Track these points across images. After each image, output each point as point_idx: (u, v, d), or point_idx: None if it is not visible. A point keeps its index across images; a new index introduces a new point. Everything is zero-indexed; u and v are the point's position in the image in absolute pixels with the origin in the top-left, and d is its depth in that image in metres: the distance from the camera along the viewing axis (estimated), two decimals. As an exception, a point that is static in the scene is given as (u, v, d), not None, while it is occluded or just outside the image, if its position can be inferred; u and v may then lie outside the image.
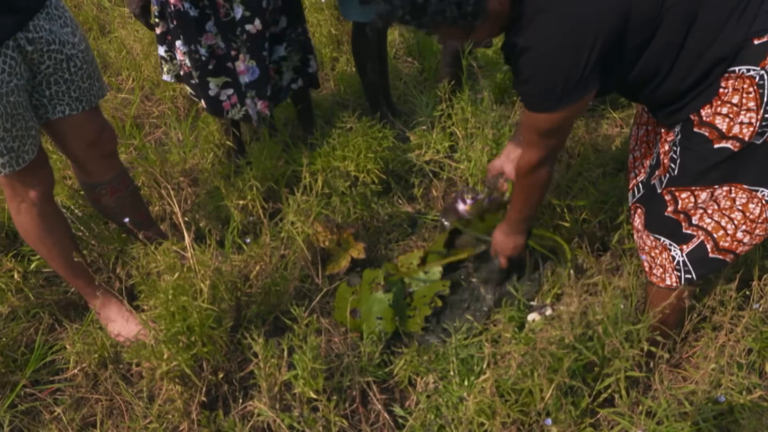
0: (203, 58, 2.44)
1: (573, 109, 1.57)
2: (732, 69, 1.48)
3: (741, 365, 1.82)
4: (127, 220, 2.14)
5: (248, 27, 2.41)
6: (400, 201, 2.69)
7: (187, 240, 1.95)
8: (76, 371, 2.13)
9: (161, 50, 2.59)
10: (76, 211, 2.68)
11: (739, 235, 1.64)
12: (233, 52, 2.45)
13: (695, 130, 1.57)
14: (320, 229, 2.30)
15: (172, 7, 2.38)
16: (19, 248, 2.51)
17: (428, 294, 2.10)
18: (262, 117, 2.58)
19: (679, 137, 1.62)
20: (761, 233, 1.63)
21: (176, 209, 2.08)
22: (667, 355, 1.81)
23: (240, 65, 2.47)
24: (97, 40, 4.19)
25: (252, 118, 2.56)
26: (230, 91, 2.54)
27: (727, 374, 1.77)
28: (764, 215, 1.60)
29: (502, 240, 2.07)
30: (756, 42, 1.44)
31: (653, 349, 1.78)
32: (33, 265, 2.46)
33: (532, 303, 2.09)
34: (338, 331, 2.17)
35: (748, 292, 1.98)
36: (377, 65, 2.97)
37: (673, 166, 1.66)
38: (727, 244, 1.65)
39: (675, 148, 1.64)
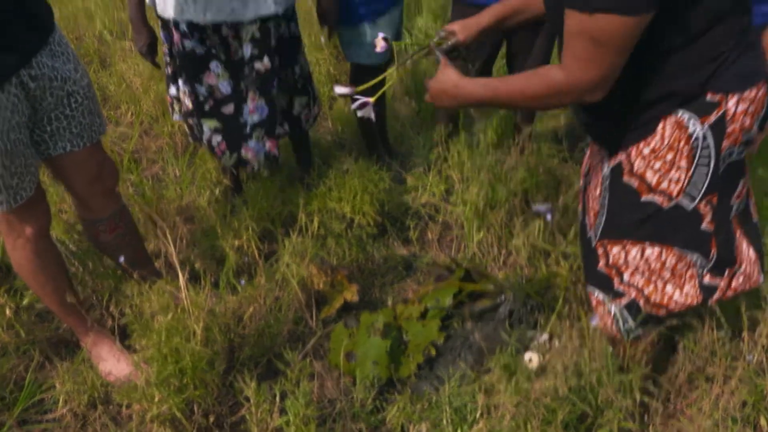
0: (201, 98, 2.46)
1: (633, 20, 1.31)
2: (677, 110, 1.48)
3: (735, 419, 1.82)
4: (123, 258, 2.14)
5: (257, 65, 2.43)
6: (395, 243, 2.69)
7: (182, 281, 1.95)
8: (64, 411, 2.10)
9: (172, 90, 2.60)
10: (70, 246, 2.67)
11: (668, 289, 1.64)
12: (243, 92, 2.46)
13: (624, 179, 1.58)
14: (315, 271, 2.30)
15: (177, 45, 2.40)
16: (12, 282, 2.50)
17: (423, 342, 2.10)
18: (271, 156, 2.58)
19: (608, 182, 1.64)
20: (692, 293, 1.63)
21: (171, 249, 2.07)
22: (661, 408, 1.80)
23: (250, 104, 2.48)
24: (98, 72, 4.22)
25: (249, 162, 2.57)
26: (219, 138, 2.55)
27: (722, 428, 1.76)
28: (690, 272, 1.61)
29: (448, 90, 1.67)
30: (708, 96, 1.45)
31: (647, 399, 1.78)
32: (26, 301, 2.45)
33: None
34: (331, 375, 2.16)
35: (741, 345, 1.98)
36: (375, 106, 2.99)
37: (602, 212, 1.67)
38: (657, 299, 1.65)
39: (605, 194, 1.65)
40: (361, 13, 2.63)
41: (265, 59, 2.43)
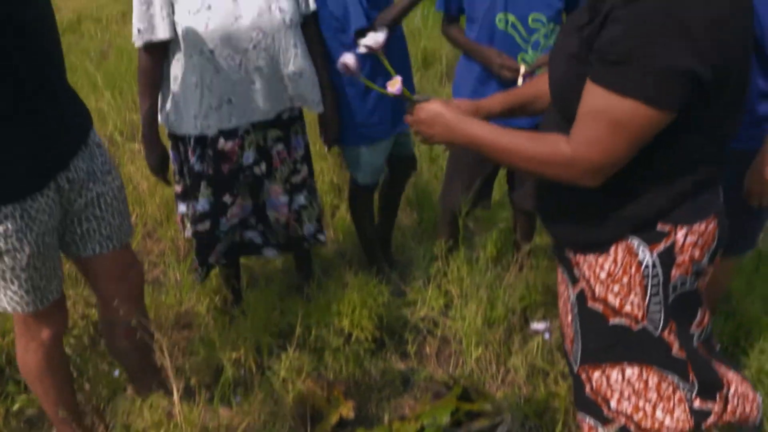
0: (197, 214, 2.50)
1: (659, 114, 1.31)
2: (628, 236, 1.50)
3: None
4: (132, 366, 2.14)
5: (255, 169, 2.50)
6: (393, 357, 2.67)
7: (176, 398, 1.92)
8: None
9: (182, 207, 2.63)
10: (67, 350, 2.65)
11: (659, 414, 1.61)
12: (230, 199, 2.50)
13: (589, 304, 1.60)
14: (311, 386, 2.28)
15: (189, 162, 2.45)
16: (4, 387, 2.47)
17: (418, 464, 2.05)
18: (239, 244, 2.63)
19: (576, 309, 1.65)
20: (683, 417, 1.60)
21: (167, 363, 2.06)
22: None
23: (234, 209, 2.53)
24: (105, 174, 4.29)
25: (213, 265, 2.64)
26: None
27: None
28: (678, 395, 1.59)
29: (443, 118, 1.59)
30: (658, 226, 1.47)
31: None
32: (16, 406, 2.41)
33: None
34: (324, 497, 2.10)
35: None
36: (373, 220, 3.04)
37: (577, 338, 1.67)
38: (648, 425, 1.62)
39: (576, 320, 1.66)
40: (358, 135, 2.69)
41: (263, 165, 2.51)
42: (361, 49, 1.70)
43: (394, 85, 1.65)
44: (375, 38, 1.68)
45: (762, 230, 2.31)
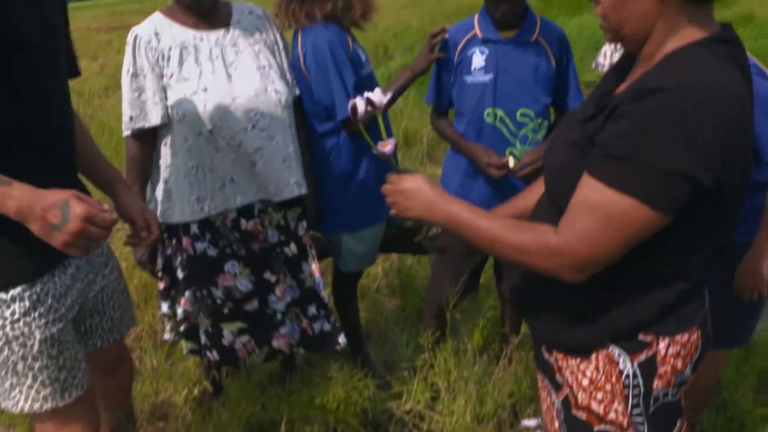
0: (218, 301, 2.37)
1: (656, 216, 1.26)
2: (609, 344, 1.45)
3: None
4: None
5: (285, 250, 2.44)
6: (377, 453, 2.59)
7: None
8: None
9: (164, 307, 2.52)
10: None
11: None
12: (273, 278, 2.42)
13: (573, 412, 1.55)
14: (293, 488, 2.19)
15: (184, 254, 2.36)
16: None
17: None
18: (307, 336, 2.52)
19: (562, 416, 1.59)
20: None
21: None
22: None
23: (278, 290, 2.45)
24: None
25: (281, 351, 2.48)
26: (245, 338, 2.43)
27: None
28: None
29: (426, 195, 1.52)
30: (640, 336, 1.43)
31: None
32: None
33: None
34: None
35: None
36: (357, 308, 2.99)
37: None
38: None
39: (563, 427, 1.60)
40: (338, 222, 2.64)
41: (292, 245, 2.45)
42: (362, 102, 1.64)
43: (386, 146, 1.60)
44: (380, 96, 1.64)
45: (755, 327, 2.29)
